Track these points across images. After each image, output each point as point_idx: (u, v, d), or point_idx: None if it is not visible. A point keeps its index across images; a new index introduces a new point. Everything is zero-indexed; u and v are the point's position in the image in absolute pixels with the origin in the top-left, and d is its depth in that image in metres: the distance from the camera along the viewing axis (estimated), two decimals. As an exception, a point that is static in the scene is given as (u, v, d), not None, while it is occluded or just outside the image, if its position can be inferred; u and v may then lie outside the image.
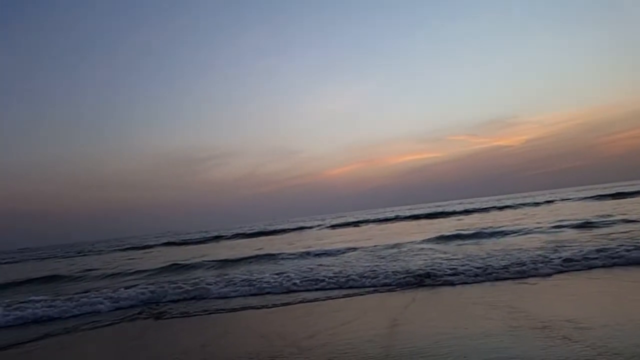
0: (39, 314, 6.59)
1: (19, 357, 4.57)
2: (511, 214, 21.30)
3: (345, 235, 19.29)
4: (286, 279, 7.52)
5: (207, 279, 8.66)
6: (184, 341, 4.51)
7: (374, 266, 8.07)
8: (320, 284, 6.88)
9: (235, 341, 4.34)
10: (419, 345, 3.42)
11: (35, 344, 5.03)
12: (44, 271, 16.54)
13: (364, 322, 4.47)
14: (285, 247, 15.26)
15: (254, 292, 6.91)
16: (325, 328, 4.36)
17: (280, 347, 3.81)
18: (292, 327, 4.62)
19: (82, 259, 23.38)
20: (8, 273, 18.21)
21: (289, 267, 9.59)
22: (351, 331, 4.12)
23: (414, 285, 6.16)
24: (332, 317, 4.89)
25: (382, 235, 16.42)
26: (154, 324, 5.59)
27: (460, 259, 7.79)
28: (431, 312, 4.74)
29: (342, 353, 3.43)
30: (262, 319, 5.27)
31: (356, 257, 9.90)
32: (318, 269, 8.58)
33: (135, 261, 17.14)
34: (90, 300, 7.28)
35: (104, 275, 12.35)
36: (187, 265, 12.01)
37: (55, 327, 5.89)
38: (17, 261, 30.38)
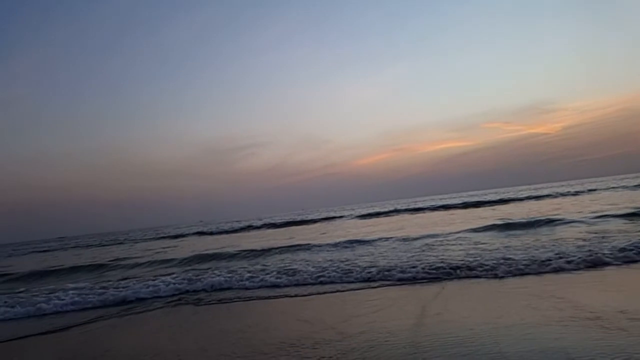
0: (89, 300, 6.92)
1: (80, 335, 4.91)
2: (550, 203, 20.63)
3: (376, 225, 19.17)
4: (319, 269, 7.57)
5: (241, 269, 8.83)
6: (225, 325, 4.63)
7: (407, 256, 8.01)
8: (351, 274, 6.84)
9: (274, 326, 4.41)
10: (454, 334, 3.39)
11: (91, 325, 5.40)
12: (85, 259, 17.30)
13: (397, 310, 4.45)
14: (317, 237, 15.34)
15: (287, 281, 6.95)
16: (360, 316, 4.37)
17: (320, 333, 3.85)
18: (329, 314, 4.65)
19: (118, 247, 24.26)
20: (50, 261, 19.11)
21: (320, 257, 9.64)
22: (388, 319, 4.11)
23: (448, 276, 6.05)
24: (366, 305, 4.88)
25: (415, 226, 16.22)
26: (194, 309, 5.77)
27: (499, 250, 7.62)
28: (466, 302, 4.65)
29: (384, 341, 3.43)
30: (298, 306, 5.33)
31: (389, 248, 9.84)
32: (350, 259, 8.59)
33: (170, 250, 17.63)
34: (133, 287, 7.60)
35: (141, 263, 12.79)
36: (220, 255, 12.23)
37: (101, 312, 6.20)
38: (56, 249, 31.88)
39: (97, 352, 4.10)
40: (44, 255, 25.28)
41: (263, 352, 3.47)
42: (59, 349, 4.42)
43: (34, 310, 6.56)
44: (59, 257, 22.23)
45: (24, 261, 21.57)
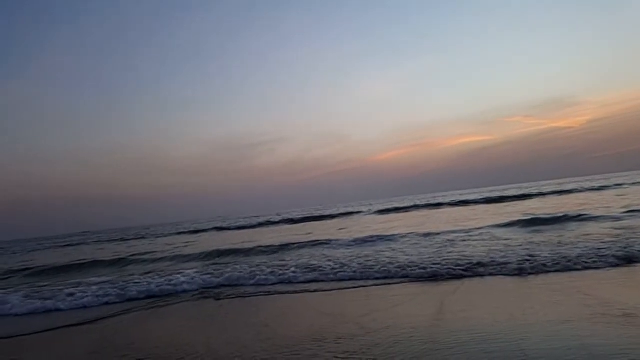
0: (113, 294, 7.11)
1: (108, 327, 5.06)
2: (576, 199, 20.20)
3: (396, 221, 19.09)
4: (338, 264, 7.60)
5: (260, 264, 8.92)
6: (247, 319, 4.71)
7: (428, 252, 7.97)
8: (371, 270, 6.82)
9: (296, 320, 4.46)
10: (477, 331, 3.38)
11: (117, 317, 5.56)
12: (107, 254, 17.71)
13: (420, 307, 4.44)
14: (335, 233, 15.37)
15: (307, 277, 6.98)
16: (382, 311, 4.39)
17: (342, 327, 3.87)
18: (350, 309, 4.67)
19: (139, 242, 24.74)
20: (73, 255, 19.61)
21: (339, 252, 9.66)
22: (410, 315, 4.12)
23: (470, 272, 5.98)
24: (388, 301, 4.90)
25: (435, 221, 16.09)
26: (216, 303, 5.87)
27: (523, 246, 7.52)
28: (489, 299, 4.62)
29: (408, 337, 3.43)
30: (319, 301, 5.36)
31: (409, 244, 9.79)
32: (370, 255, 8.59)
33: (190, 245, 17.90)
34: (156, 281, 7.78)
35: (162, 258, 13.04)
36: (240, 250, 12.34)
37: (126, 305, 6.39)
38: (79, 243, 32.69)
39: (126, 342, 4.22)
40: (67, 250, 25.98)
41: (286, 346, 3.52)
42: (89, 339, 4.56)
43: (62, 303, 6.75)
44: (82, 251, 22.81)
45: (47, 255, 22.19)
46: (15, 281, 11.50)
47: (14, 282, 11.16)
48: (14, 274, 12.93)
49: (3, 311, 6.70)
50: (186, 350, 3.73)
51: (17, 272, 13.22)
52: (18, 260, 20.31)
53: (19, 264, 17.08)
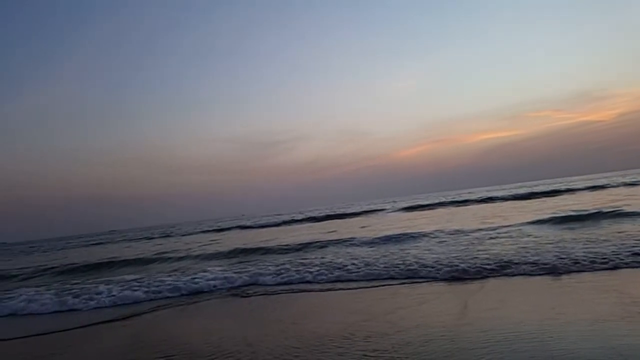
0: (143, 292, 7.32)
1: (142, 323, 5.26)
2: (609, 194, 19.58)
3: (420, 218, 18.93)
4: (363, 262, 7.63)
5: (285, 262, 9.00)
6: (276, 316, 4.78)
7: (455, 251, 7.90)
8: (397, 268, 6.80)
9: (324, 318, 4.50)
10: (509, 330, 3.35)
11: (150, 314, 5.76)
12: (135, 252, 18.16)
13: (450, 306, 4.42)
14: (359, 231, 15.35)
15: (332, 275, 6.99)
16: (411, 310, 4.39)
17: (371, 326, 3.90)
18: (378, 307, 4.68)
19: (165, 240, 25.25)
20: (101, 253, 20.17)
21: (364, 250, 9.67)
22: (440, 314, 4.10)
23: (500, 271, 5.88)
24: (416, 299, 4.89)
25: (462, 219, 15.88)
26: (244, 301, 5.99)
27: (554, 244, 7.37)
28: (520, 298, 4.56)
29: (439, 335, 3.43)
30: (346, 299, 5.39)
31: (436, 242, 9.72)
32: (396, 253, 8.58)
33: (214, 243, 18.16)
34: (184, 279, 7.97)
35: (188, 256, 13.30)
36: (264, 249, 12.46)
37: (156, 303, 6.58)
38: (107, 242, 33.59)
39: (158, 339, 4.35)
40: (95, 248, 26.74)
41: (315, 343, 3.56)
42: (124, 335, 4.72)
43: (96, 302, 6.96)
44: (110, 250, 23.43)
45: (76, 254, 22.89)
46: (46, 279, 11.93)
47: (46, 280, 11.58)
48: (45, 272, 13.41)
49: (41, 309, 6.98)
50: (215, 347, 3.82)
51: (48, 270, 13.70)
52: (48, 258, 21.03)
53: (50, 262, 17.69)
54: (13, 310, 7.03)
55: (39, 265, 16.31)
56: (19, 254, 31.89)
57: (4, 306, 7.31)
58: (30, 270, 14.08)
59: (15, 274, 13.66)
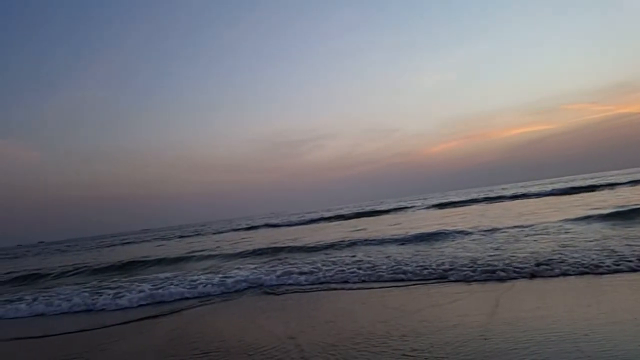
0: (180, 290, 7.51)
1: (181, 319, 5.42)
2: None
3: (452, 215, 18.63)
4: (395, 261, 7.59)
5: (316, 260, 9.05)
6: (309, 314, 4.81)
7: (489, 249, 7.75)
8: (430, 267, 6.70)
9: (359, 316, 4.48)
10: (552, 330, 3.27)
11: (186, 312, 5.91)
12: (168, 251, 18.62)
13: (488, 306, 4.34)
14: (389, 229, 15.23)
15: (364, 274, 6.95)
16: (448, 310, 4.34)
17: (407, 325, 3.87)
18: (412, 307, 4.64)
19: (196, 239, 25.77)
20: (135, 252, 20.77)
21: (395, 249, 9.60)
22: (478, 314, 4.04)
23: (538, 271, 5.71)
24: (452, 299, 4.83)
25: (496, 216, 15.52)
26: (276, 299, 6.05)
27: (597, 242, 7.13)
28: (561, 299, 4.43)
29: (478, 336, 3.38)
30: (380, 298, 5.36)
31: (469, 240, 9.56)
32: (427, 251, 8.49)
33: (245, 241, 18.42)
34: (217, 277, 8.14)
35: (220, 254, 13.54)
36: (294, 247, 12.54)
37: (189, 302, 6.74)
38: (139, 241, 34.58)
39: (195, 335, 4.46)
40: (128, 247, 27.57)
41: (352, 342, 3.57)
42: (161, 332, 4.87)
43: (129, 300, 7.17)
44: (144, 248, 24.10)
45: (111, 253, 23.65)
46: (82, 278, 12.40)
47: (81, 279, 12.03)
48: (81, 271, 13.93)
49: (75, 308, 7.26)
50: (251, 345, 3.88)
51: (83, 269, 14.22)
52: (83, 257, 21.82)
53: (85, 261, 18.37)
54: (46, 309, 7.35)
55: (75, 264, 16.97)
56: (55, 253, 33.24)
57: (47, 303, 7.66)
58: (66, 269, 14.68)
59: (53, 272, 14.28)
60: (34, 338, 5.40)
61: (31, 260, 26.38)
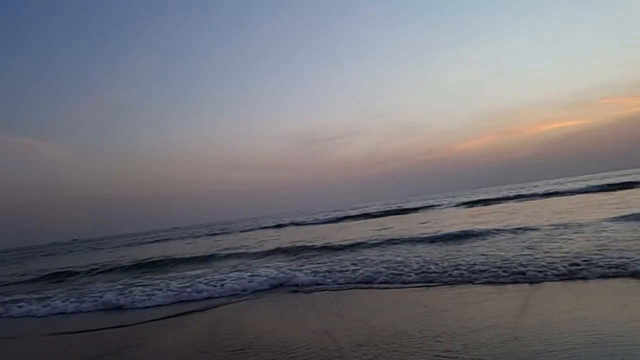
0: (211, 288, 7.68)
1: (207, 318, 5.53)
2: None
3: (483, 214, 18.26)
4: (424, 261, 7.52)
5: (343, 259, 9.06)
6: (339, 313, 4.83)
7: (522, 248, 7.58)
8: (460, 268, 6.57)
9: (389, 315, 4.48)
10: (589, 333, 3.17)
11: (215, 310, 6.05)
12: (198, 249, 18.97)
13: (522, 308, 4.26)
14: (417, 228, 15.07)
15: (392, 273, 6.85)
16: (481, 310, 4.29)
17: (439, 325, 3.85)
18: (444, 307, 4.60)
19: (225, 237, 26.16)
20: (167, 250, 21.27)
21: (423, 249, 9.49)
22: (512, 315, 3.97)
23: (572, 272, 5.52)
24: (484, 300, 4.76)
25: (528, 214, 15.12)
26: (305, 297, 6.11)
27: (635, 241, 6.87)
28: (596, 302, 4.30)
29: (512, 337, 3.33)
30: (410, 298, 5.33)
31: (500, 239, 9.36)
32: (458, 251, 8.37)
33: (272, 240, 18.57)
34: (245, 275, 8.29)
35: (248, 253, 13.72)
36: (321, 246, 12.53)
37: (217, 301, 6.89)
38: (170, 238, 35.39)
39: (228, 332, 4.56)
40: (159, 245, 28.27)
41: (384, 342, 3.57)
42: (194, 329, 5.00)
43: (160, 297, 7.36)
44: (173, 246, 24.66)
45: (142, 250, 24.27)
46: (114, 275, 12.79)
47: (114, 276, 12.42)
48: (115, 268, 14.38)
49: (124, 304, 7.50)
50: (282, 342, 3.94)
51: (116, 267, 14.68)
52: (116, 255, 22.49)
53: (118, 259, 18.94)
54: (80, 306, 7.61)
55: (107, 261, 17.53)
56: (89, 250, 34.40)
57: (81, 300, 7.96)
58: (100, 267, 15.18)
59: (87, 270, 14.80)
60: (72, 333, 5.63)
61: (65, 257, 27.39)
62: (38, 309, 7.70)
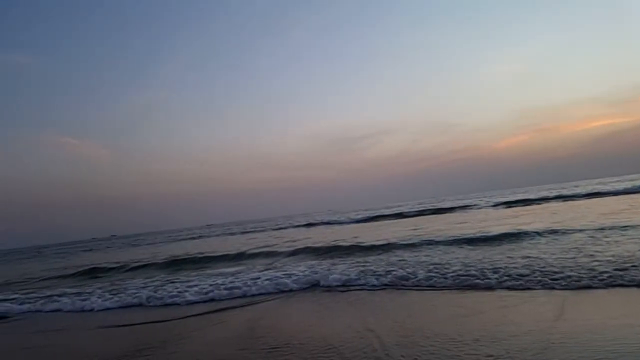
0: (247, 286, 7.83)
1: (241, 316, 5.67)
2: None
3: (521, 215, 17.73)
4: (462, 264, 7.40)
5: (377, 260, 9.01)
6: (376, 314, 4.81)
7: (566, 251, 7.34)
8: (500, 271, 6.43)
9: (427, 318, 4.45)
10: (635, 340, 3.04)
11: (248, 308, 6.17)
12: (230, 246, 19.33)
13: (568, 314, 4.13)
14: (453, 228, 14.80)
15: (429, 275, 6.75)
16: (522, 315, 4.19)
17: (479, 329, 3.79)
18: (484, 311, 4.54)
19: (259, 235, 26.52)
20: (202, 247, 21.77)
21: (461, 251, 9.31)
22: (556, 321, 3.86)
23: (622, 278, 5.29)
24: (529, 306, 4.64)
25: (571, 215, 14.59)
26: (340, 297, 6.14)
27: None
28: (632, 308, 4.12)
29: (558, 343, 3.25)
30: (447, 301, 5.26)
31: (542, 242, 9.09)
32: (497, 254, 8.18)
33: (304, 239, 18.66)
34: (278, 274, 8.44)
35: (282, 252, 13.85)
36: (354, 246, 12.48)
37: (250, 299, 7.01)
38: (205, 236, 36.18)
39: (264, 330, 4.66)
40: (194, 242, 28.95)
41: (423, 344, 3.54)
42: (230, 327, 5.12)
43: (194, 295, 7.54)
44: (208, 243, 25.20)
45: (178, 247, 24.90)
46: (152, 271, 13.20)
47: (151, 273, 12.81)
48: (152, 263, 14.85)
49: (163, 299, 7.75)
50: (320, 341, 3.99)
51: (153, 263, 15.14)
52: (153, 251, 23.19)
53: (155, 255, 19.54)
54: (121, 300, 7.90)
55: (145, 257, 18.14)
56: (126, 246, 35.63)
57: (122, 295, 8.28)
58: (137, 262, 15.75)
59: (125, 265, 15.35)
60: (116, 327, 5.87)
61: (104, 253, 28.47)
62: (82, 303, 8.05)
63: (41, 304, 8.45)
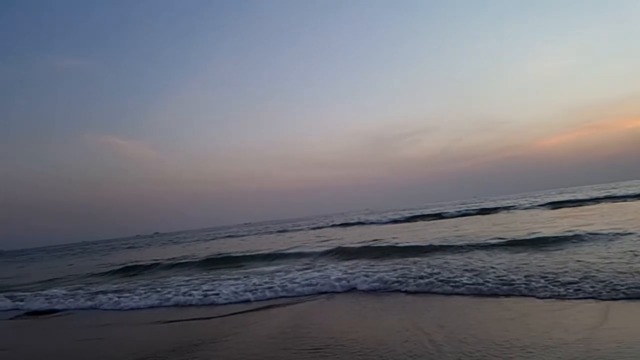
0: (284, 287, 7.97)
1: (279, 316, 5.72)
2: None
3: (571, 216, 16.96)
4: (506, 270, 7.17)
5: (417, 262, 8.88)
6: (417, 318, 4.76)
7: (620, 253, 6.99)
8: (546, 278, 6.17)
9: (472, 324, 4.35)
10: None
11: (289, 307, 6.27)
12: (265, 246, 19.60)
13: (624, 324, 3.93)
14: (497, 231, 14.26)
15: (472, 281, 6.55)
16: (573, 324, 4.03)
17: (527, 337, 3.69)
18: (531, 319, 4.39)
19: (295, 233, 26.77)
20: (241, 246, 22.18)
21: (505, 256, 8.98)
22: (611, 329, 3.68)
23: None
24: (578, 313, 4.46)
25: (623, 218, 13.81)
26: (376, 299, 6.11)
27: None
28: None
29: (613, 351, 3.11)
30: (492, 307, 5.11)
31: (594, 246, 8.67)
32: (543, 259, 7.89)
33: (338, 239, 18.67)
34: (312, 275, 8.50)
35: (319, 252, 13.87)
36: (392, 247, 12.39)
37: (287, 300, 7.10)
38: (243, 234, 36.87)
39: (302, 331, 4.70)
40: (233, 240, 29.58)
41: (469, 351, 3.47)
42: (276, 323, 5.24)
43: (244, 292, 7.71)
44: (247, 241, 25.66)
45: (219, 245, 25.48)
46: (192, 269, 13.57)
47: (192, 270, 13.18)
48: (193, 262, 15.28)
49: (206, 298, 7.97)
50: (361, 343, 3.99)
51: (194, 260, 15.57)
52: (194, 249, 23.86)
53: (196, 252, 20.10)
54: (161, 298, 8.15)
55: (187, 255, 18.71)
56: (169, 244, 36.81)
57: (163, 292, 8.56)
58: (179, 260, 16.30)
59: (167, 262, 15.90)
60: (164, 323, 6.08)
61: (148, 250, 29.53)
62: (125, 299, 8.36)
63: (86, 300, 8.86)
